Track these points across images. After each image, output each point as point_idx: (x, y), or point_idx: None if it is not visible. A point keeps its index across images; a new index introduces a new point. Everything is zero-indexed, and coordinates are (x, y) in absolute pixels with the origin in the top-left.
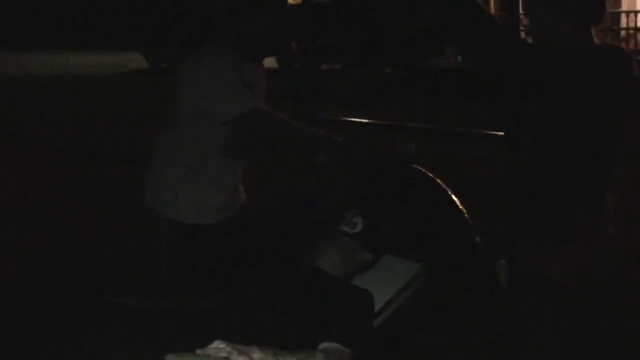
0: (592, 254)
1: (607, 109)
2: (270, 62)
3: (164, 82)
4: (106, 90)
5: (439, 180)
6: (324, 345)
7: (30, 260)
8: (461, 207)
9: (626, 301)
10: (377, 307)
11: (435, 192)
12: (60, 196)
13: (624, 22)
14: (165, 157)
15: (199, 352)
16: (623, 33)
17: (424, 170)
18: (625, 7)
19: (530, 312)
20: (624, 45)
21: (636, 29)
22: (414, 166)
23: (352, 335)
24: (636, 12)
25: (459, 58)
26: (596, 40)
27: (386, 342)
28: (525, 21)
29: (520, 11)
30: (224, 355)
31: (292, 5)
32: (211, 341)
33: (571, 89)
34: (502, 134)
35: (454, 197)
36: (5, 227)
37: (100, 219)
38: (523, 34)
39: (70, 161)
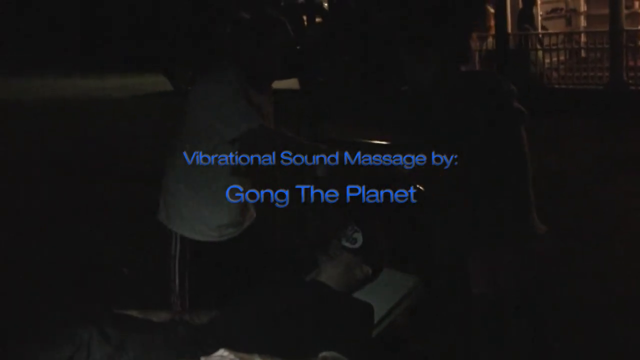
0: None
1: (483, 125)
2: (291, 83)
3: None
4: (132, 110)
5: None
6: (323, 353)
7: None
8: None
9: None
10: (377, 318)
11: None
12: (76, 211)
13: None
14: (174, 175)
15: (203, 359)
16: None
17: (419, 186)
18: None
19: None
20: None
21: None
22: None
23: (351, 345)
24: None
25: None
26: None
27: (383, 349)
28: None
29: None
30: None
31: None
32: (216, 349)
33: (454, 118)
34: None
35: None
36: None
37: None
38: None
39: (98, 180)
